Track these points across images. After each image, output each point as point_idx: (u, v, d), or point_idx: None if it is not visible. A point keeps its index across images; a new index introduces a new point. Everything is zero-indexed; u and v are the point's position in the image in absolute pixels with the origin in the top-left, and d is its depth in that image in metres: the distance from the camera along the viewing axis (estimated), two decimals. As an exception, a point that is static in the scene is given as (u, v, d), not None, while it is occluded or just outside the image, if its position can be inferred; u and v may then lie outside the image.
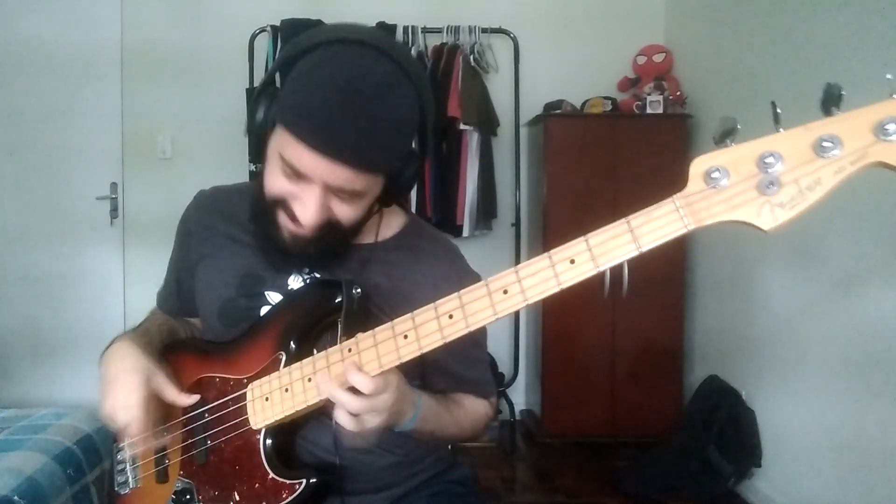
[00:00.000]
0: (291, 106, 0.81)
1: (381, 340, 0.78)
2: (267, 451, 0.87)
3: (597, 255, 0.67)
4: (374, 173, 0.84)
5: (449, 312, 0.74)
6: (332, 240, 0.89)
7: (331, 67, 0.80)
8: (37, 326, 3.26)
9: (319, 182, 0.82)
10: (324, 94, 0.78)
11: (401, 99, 0.82)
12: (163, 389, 0.92)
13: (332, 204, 0.86)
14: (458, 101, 2.99)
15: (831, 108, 0.60)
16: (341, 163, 0.79)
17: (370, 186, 0.86)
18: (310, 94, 0.79)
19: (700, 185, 0.64)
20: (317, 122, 0.78)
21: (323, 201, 0.84)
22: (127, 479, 1.00)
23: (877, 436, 1.91)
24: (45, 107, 3.22)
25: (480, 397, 1.06)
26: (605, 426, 3.05)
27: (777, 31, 2.42)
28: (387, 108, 0.80)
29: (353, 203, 0.87)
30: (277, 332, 0.89)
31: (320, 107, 0.78)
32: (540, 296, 0.69)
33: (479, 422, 1.05)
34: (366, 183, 0.84)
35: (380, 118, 0.80)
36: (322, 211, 0.85)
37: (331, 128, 0.78)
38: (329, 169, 0.80)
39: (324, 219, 0.86)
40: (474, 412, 1.04)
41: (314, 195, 0.83)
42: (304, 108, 0.79)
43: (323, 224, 0.86)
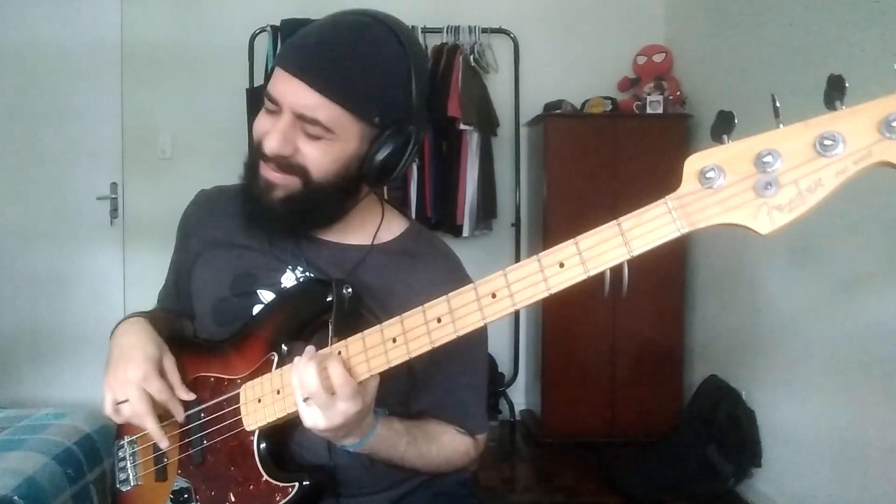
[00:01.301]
0: (284, 45, 0.89)
1: (371, 345, 0.76)
2: (260, 452, 0.86)
3: (587, 259, 0.64)
4: (337, 103, 0.82)
5: (437, 316, 0.72)
6: (303, 196, 0.88)
7: (325, 19, 0.88)
8: (37, 326, 3.26)
9: (288, 108, 0.84)
10: (310, 30, 0.87)
11: (384, 50, 0.86)
12: (169, 372, 0.92)
13: (299, 142, 0.85)
14: (458, 101, 2.99)
15: (835, 101, 0.55)
16: (304, 81, 0.82)
17: (338, 126, 0.84)
18: (301, 33, 0.88)
19: (694, 185, 0.60)
20: (292, 47, 0.86)
21: (288, 130, 0.85)
22: (128, 477, 1.00)
23: (876, 436, 1.91)
24: (45, 107, 3.22)
25: (465, 432, 1.00)
26: (605, 426, 3.05)
27: (777, 30, 2.42)
28: (363, 47, 0.84)
29: (322, 145, 0.85)
30: (269, 333, 0.89)
31: (303, 37, 0.86)
32: (529, 300, 0.67)
33: (457, 460, 0.99)
34: (331, 115, 0.83)
35: (353, 52, 0.84)
36: (285, 139, 0.85)
37: (301, 48, 0.85)
38: (295, 89, 0.83)
39: (287, 151, 0.85)
40: (451, 449, 0.98)
41: (282, 122, 0.85)
42: (290, 42, 0.88)
43: (287, 160, 0.86)
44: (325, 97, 0.82)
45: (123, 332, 0.95)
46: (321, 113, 0.83)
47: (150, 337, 0.94)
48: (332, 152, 0.86)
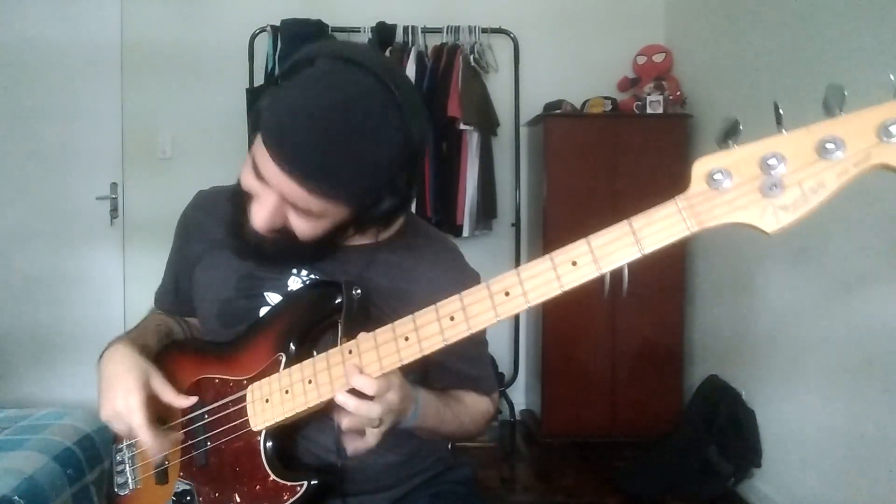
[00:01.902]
0: (268, 113, 0.81)
1: (382, 342, 0.77)
2: (267, 452, 0.86)
3: (599, 258, 0.66)
4: (326, 200, 0.82)
5: (450, 314, 0.73)
6: (287, 246, 0.89)
7: (318, 88, 0.80)
8: (37, 326, 3.25)
9: (275, 188, 0.83)
10: (298, 110, 0.79)
11: (378, 140, 0.81)
12: (161, 391, 0.92)
13: (289, 214, 0.86)
14: (458, 101, 2.99)
15: (834, 109, 0.59)
16: (295, 181, 0.80)
17: (328, 212, 0.85)
18: (286, 109, 0.80)
19: (702, 186, 0.63)
20: (283, 137, 0.79)
21: (276, 208, 0.85)
22: (126, 481, 1.00)
23: (877, 436, 1.91)
24: (45, 107, 3.22)
25: (482, 394, 1.06)
26: (605, 426, 3.05)
27: (777, 30, 2.42)
28: (356, 145, 0.80)
29: (310, 221, 0.86)
30: (277, 334, 0.89)
31: (289, 122, 0.79)
32: (542, 298, 0.69)
33: (481, 418, 1.05)
34: (321, 207, 0.83)
35: (343, 153, 0.79)
36: (273, 218, 0.85)
37: (293, 147, 0.79)
38: (284, 182, 0.81)
39: (276, 225, 0.86)
40: (475, 409, 1.04)
41: (269, 201, 0.84)
42: (277, 121, 0.80)
43: (275, 230, 0.87)
44: (313, 195, 0.81)
45: (107, 363, 0.94)
46: (312, 205, 0.83)
47: (132, 363, 0.92)
48: (321, 226, 0.88)
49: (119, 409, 0.89)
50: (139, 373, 0.91)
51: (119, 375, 0.91)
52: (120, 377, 0.90)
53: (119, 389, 0.89)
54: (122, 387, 0.89)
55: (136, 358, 0.93)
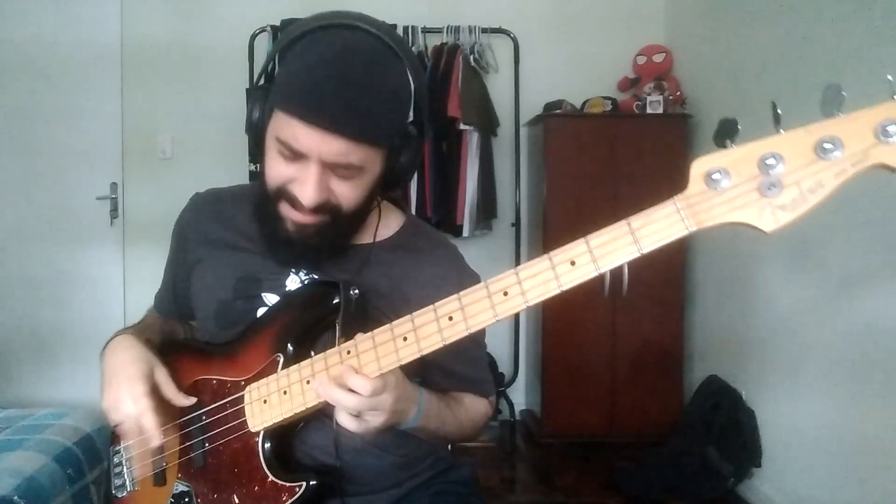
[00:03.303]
0: (285, 88, 0.84)
1: (381, 342, 0.77)
2: (266, 453, 0.86)
3: (598, 257, 0.66)
4: (367, 144, 0.84)
5: (449, 314, 0.73)
6: (334, 228, 0.89)
7: (319, 48, 0.83)
8: (37, 326, 3.25)
9: (316, 158, 0.83)
10: (314, 70, 0.81)
11: (390, 72, 0.85)
12: (163, 385, 0.92)
13: (331, 184, 0.86)
14: (458, 101, 2.98)
15: (832, 109, 0.59)
16: (334, 133, 0.80)
17: (367, 161, 0.86)
18: (301, 74, 0.82)
19: (701, 186, 0.63)
20: (308, 97, 0.81)
21: (321, 178, 0.84)
22: (124, 482, 0.99)
23: (877, 436, 1.91)
24: (45, 107, 3.22)
25: (481, 396, 1.06)
26: (605, 426, 3.05)
27: (777, 30, 2.42)
28: (375, 78, 0.83)
29: (352, 182, 0.86)
30: (275, 334, 0.89)
31: (311, 82, 0.81)
32: (540, 297, 0.69)
33: (479, 420, 1.05)
34: (361, 156, 0.84)
35: (369, 87, 0.82)
36: (321, 189, 0.84)
37: (321, 100, 0.80)
38: (323, 141, 0.81)
39: (323, 198, 0.85)
40: (474, 411, 1.04)
41: (312, 172, 0.84)
42: (296, 87, 0.82)
43: (323, 204, 0.86)
44: (356, 143, 0.82)
45: (112, 353, 0.94)
46: (354, 157, 0.84)
47: (138, 353, 0.93)
48: (362, 185, 0.88)
49: (121, 398, 0.89)
50: (144, 363, 0.92)
51: (124, 365, 0.91)
52: (124, 367, 0.91)
53: (123, 378, 0.90)
54: (126, 375, 0.90)
55: (142, 349, 0.94)
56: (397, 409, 0.81)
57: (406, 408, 0.84)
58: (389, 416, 0.80)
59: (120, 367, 0.91)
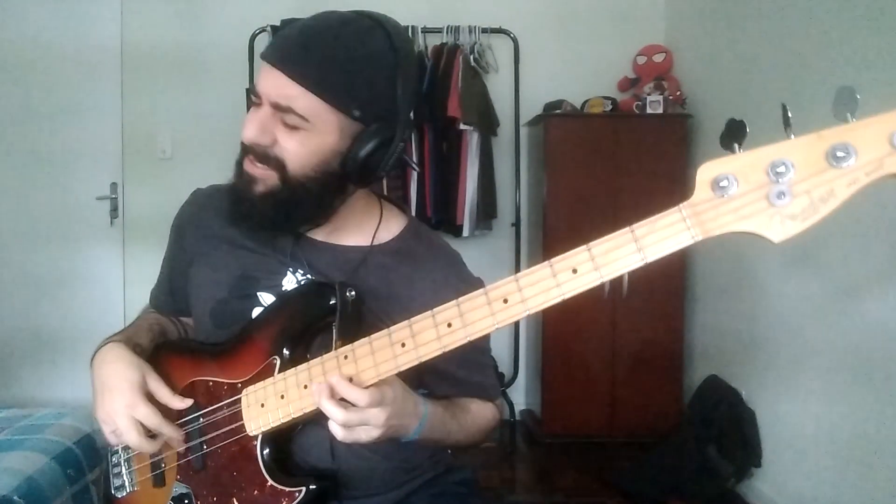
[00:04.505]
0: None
1: (378, 348, 0.75)
2: (264, 457, 0.86)
3: (600, 265, 0.64)
4: (315, 93, 0.82)
5: (448, 321, 0.71)
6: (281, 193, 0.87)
7: (314, 18, 0.88)
8: (37, 326, 3.25)
9: (266, 100, 0.85)
10: (293, 25, 0.88)
11: (367, 43, 0.85)
12: (157, 391, 0.91)
13: (277, 133, 0.86)
14: (458, 101, 2.98)
15: (845, 113, 0.56)
16: (282, 70, 0.83)
17: (315, 116, 0.84)
18: (283, 30, 0.89)
19: (707, 193, 0.61)
20: (276, 39, 0.89)
21: (266, 120, 0.85)
22: (123, 483, 0.99)
23: (876, 436, 1.91)
24: (45, 107, 3.21)
25: (486, 401, 1.05)
26: (605, 426, 3.05)
27: (777, 30, 2.42)
28: (345, 39, 0.84)
29: (298, 136, 0.85)
30: (271, 336, 0.88)
31: (285, 30, 0.88)
32: (542, 305, 0.67)
33: (486, 426, 1.04)
34: (309, 106, 0.83)
35: (334, 44, 0.83)
36: (262, 128, 0.85)
37: (283, 40, 0.86)
38: (273, 79, 0.83)
39: (266, 142, 0.86)
40: (481, 417, 1.02)
41: (260, 111, 0.86)
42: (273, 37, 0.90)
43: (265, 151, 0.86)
44: (301, 86, 0.82)
45: (101, 362, 0.93)
46: (297, 102, 0.83)
47: (129, 361, 0.91)
48: (309, 144, 0.86)
49: (115, 410, 0.88)
50: (135, 372, 0.90)
51: (115, 376, 0.90)
52: (116, 378, 0.90)
53: (116, 390, 0.89)
54: (118, 387, 0.89)
55: (131, 357, 0.92)
56: (392, 425, 0.80)
57: (405, 423, 0.83)
58: (384, 431, 0.79)
59: (110, 379, 0.90)
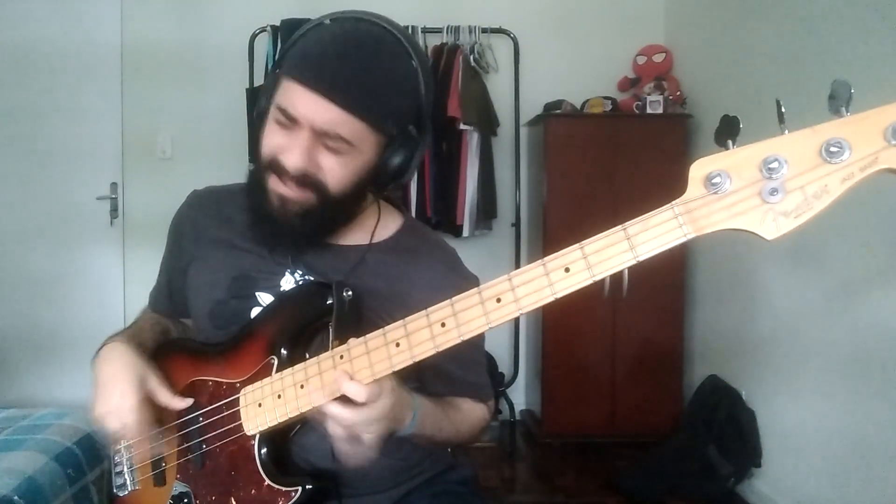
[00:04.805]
0: (294, 58, 0.86)
1: (373, 348, 0.76)
2: (262, 457, 0.86)
3: (593, 264, 0.64)
4: (360, 119, 0.83)
5: (441, 320, 0.71)
6: (318, 212, 0.88)
7: (334, 28, 0.86)
8: (37, 326, 3.25)
9: (307, 124, 0.83)
10: (324, 44, 0.85)
11: (399, 63, 0.87)
12: (156, 393, 0.92)
13: (320, 157, 0.85)
14: (458, 101, 2.98)
15: (840, 108, 0.56)
16: (328, 98, 0.81)
17: (358, 140, 0.85)
18: (311, 46, 0.86)
19: (700, 190, 0.60)
20: (312, 63, 0.84)
21: (310, 146, 0.84)
22: (125, 482, 1.00)
23: (877, 436, 1.91)
24: (45, 107, 3.22)
25: (478, 401, 1.05)
26: (605, 426, 3.05)
27: (778, 30, 2.42)
28: (382, 62, 0.85)
29: (341, 159, 0.85)
30: (269, 336, 0.88)
31: (318, 52, 0.84)
32: (534, 305, 0.67)
33: (477, 426, 1.04)
34: (353, 131, 0.83)
35: (373, 67, 0.84)
36: (308, 156, 0.84)
37: (322, 66, 0.83)
38: (317, 106, 0.82)
39: (310, 167, 0.85)
40: (472, 416, 1.02)
41: (302, 138, 0.84)
42: (304, 55, 0.85)
43: (308, 176, 0.85)
44: (349, 113, 0.82)
45: (102, 361, 0.93)
46: (344, 129, 0.83)
47: (129, 361, 0.92)
48: (350, 165, 0.87)
49: (113, 408, 0.89)
50: (135, 372, 0.91)
51: (115, 374, 0.90)
52: (116, 376, 0.90)
53: (114, 389, 0.89)
54: (118, 386, 0.89)
55: (133, 357, 0.93)
56: (394, 416, 0.80)
57: (401, 415, 0.83)
58: (387, 424, 0.79)
59: (110, 377, 0.90)
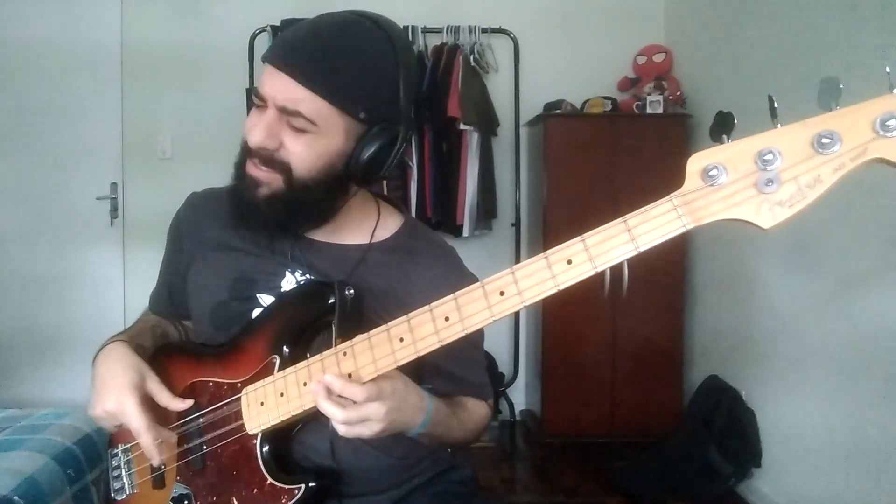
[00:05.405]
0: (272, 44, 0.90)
1: (377, 344, 0.76)
2: (264, 456, 0.86)
3: (594, 256, 0.66)
4: (321, 96, 0.83)
5: (445, 315, 0.72)
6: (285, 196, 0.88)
7: (313, 18, 0.88)
8: (37, 326, 3.25)
9: (272, 102, 0.84)
10: (297, 28, 0.87)
11: (369, 45, 0.86)
12: (156, 393, 0.91)
13: (284, 137, 0.86)
14: (458, 101, 2.98)
15: (830, 102, 0.58)
16: (289, 75, 0.83)
17: (321, 119, 0.84)
18: (288, 31, 0.88)
19: (697, 182, 0.63)
20: (280, 42, 0.87)
21: (272, 123, 0.85)
22: (123, 485, 0.99)
23: (877, 436, 1.91)
24: (45, 107, 3.22)
25: (480, 399, 1.05)
26: (605, 426, 3.05)
27: (777, 30, 2.42)
28: (348, 41, 0.85)
29: (305, 139, 0.85)
30: (270, 335, 0.88)
31: (291, 35, 0.87)
32: (537, 297, 0.68)
33: (480, 424, 1.04)
34: (315, 109, 0.83)
35: (337, 46, 0.84)
36: (269, 132, 0.85)
37: (286, 43, 0.86)
38: (280, 83, 0.83)
39: (271, 145, 0.86)
40: (477, 415, 1.03)
41: (267, 116, 0.85)
42: (279, 38, 0.88)
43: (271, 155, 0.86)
44: (309, 90, 0.83)
45: (103, 360, 0.93)
46: (305, 105, 0.83)
47: (129, 362, 0.92)
48: (316, 147, 0.86)
49: (111, 409, 0.88)
50: (134, 373, 0.90)
51: (114, 375, 0.90)
52: (115, 377, 0.90)
53: (113, 389, 0.89)
54: (116, 387, 0.89)
55: (133, 358, 0.93)
56: (394, 419, 0.79)
57: (408, 417, 0.83)
58: (386, 425, 0.79)
59: (109, 378, 0.90)
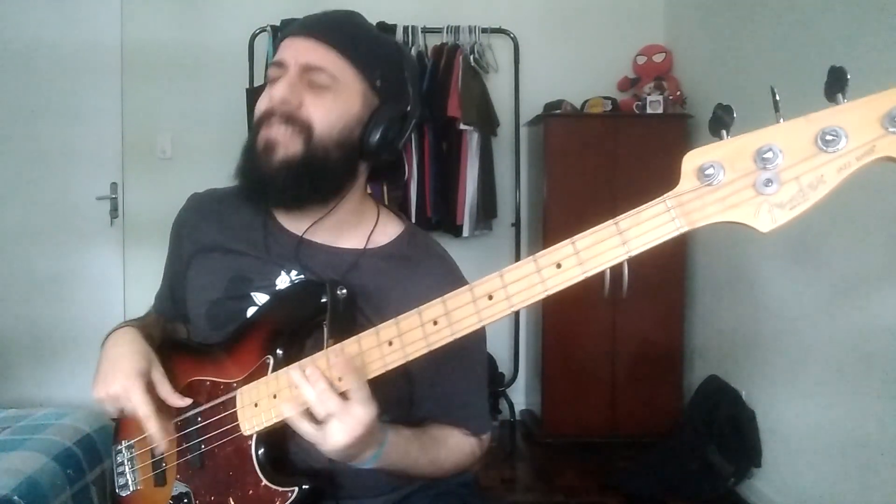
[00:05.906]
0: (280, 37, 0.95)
1: (367, 347, 0.75)
2: (259, 457, 0.86)
3: (584, 259, 0.63)
4: (340, 53, 0.88)
5: (433, 319, 0.71)
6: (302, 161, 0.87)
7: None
8: (37, 326, 3.26)
9: (293, 62, 0.88)
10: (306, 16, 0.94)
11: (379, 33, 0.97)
12: (159, 384, 0.92)
13: (304, 95, 0.88)
14: (458, 101, 2.98)
15: (836, 93, 0.54)
16: (308, 36, 0.89)
17: (341, 76, 0.89)
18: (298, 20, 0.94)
19: (693, 182, 0.59)
20: (295, 22, 0.93)
21: (294, 81, 0.88)
22: (127, 482, 1.00)
23: (877, 435, 1.91)
24: (45, 107, 3.22)
25: (471, 433, 1.01)
26: (605, 426, 3.05)
27: (777, 30, 2.42)
28: (359, 20, 0.95)
29: (325, 98, 0.88)
30: (264, 336, 0.88)
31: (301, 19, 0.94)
32: (525, 302, 0.66)
33: (464, 461, 1.00)
34: (336, 65, 0.88)
35: (351, 19, 0.94)
36: (291, 89, 0.87)
37: (305, 19, 0.93)
38: (303, 44, 0.89)
39: (294, 101, 0.87)
40: (458, 452, 0.98)
41: (288, 75, 0.88)
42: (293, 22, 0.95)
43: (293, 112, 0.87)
44: (332, 48, 0.88)
45: (113, 343, 0.94)
46: (327, 61, 0.88)
47: (138, 348, 0.93)
48: (336, 107, 0.89)
49: (115, 392, 0.89)
50: (143, 360, 0.91)
51: (122, 359, 0.91)
52: (123, 361, 0.91)
53: (119, 373, 0.89)
54: (124, 372, 0.89)
55: (142, 344, 0.94)
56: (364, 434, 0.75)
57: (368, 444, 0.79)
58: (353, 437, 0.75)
59: (117, 361, 0.91)
